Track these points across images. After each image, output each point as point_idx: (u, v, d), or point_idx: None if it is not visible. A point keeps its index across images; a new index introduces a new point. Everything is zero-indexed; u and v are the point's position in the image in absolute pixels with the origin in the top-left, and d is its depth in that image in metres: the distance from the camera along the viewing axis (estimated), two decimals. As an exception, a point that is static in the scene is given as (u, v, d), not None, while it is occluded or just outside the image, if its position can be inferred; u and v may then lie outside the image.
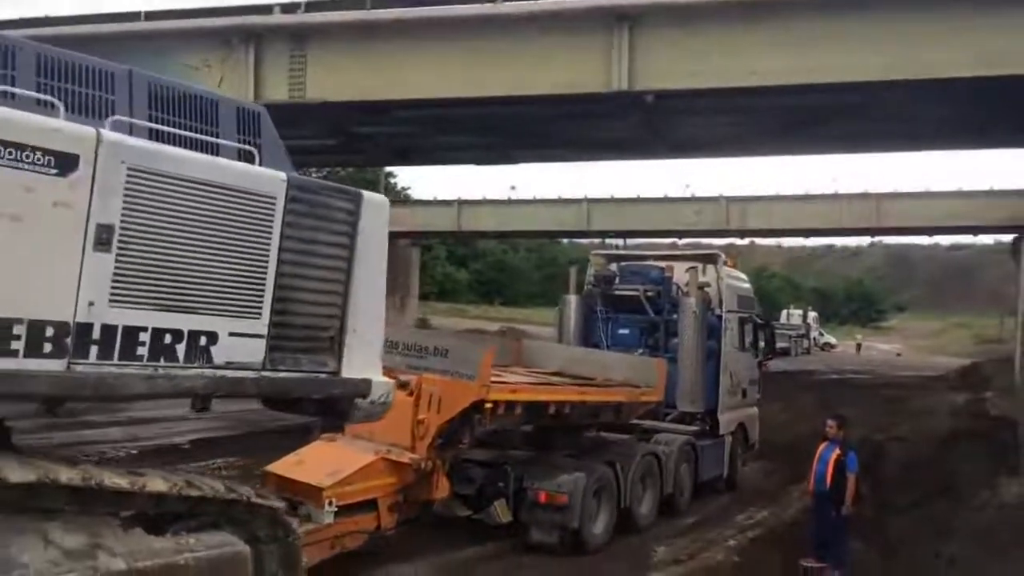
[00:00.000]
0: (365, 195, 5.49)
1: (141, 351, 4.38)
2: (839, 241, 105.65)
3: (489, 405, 8.19)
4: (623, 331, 13.01)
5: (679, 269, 12.96)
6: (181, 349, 4.55)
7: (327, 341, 5.28)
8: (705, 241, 32.66)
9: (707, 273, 12.94)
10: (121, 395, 4.46)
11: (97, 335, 4.21)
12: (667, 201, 33.54)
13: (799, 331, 54.06)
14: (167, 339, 4.48)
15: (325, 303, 5.28)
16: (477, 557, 8.81)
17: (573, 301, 13.29)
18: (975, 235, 41.74)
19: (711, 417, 12.50)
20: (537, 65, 15.94)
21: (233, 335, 4.76)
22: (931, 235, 43.41)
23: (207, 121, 5.18)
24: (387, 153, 27.64)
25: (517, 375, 10.14)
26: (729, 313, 12.94)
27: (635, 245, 30.81)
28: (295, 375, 5.11)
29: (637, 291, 12.83)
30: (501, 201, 35.64)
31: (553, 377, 10.75)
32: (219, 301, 4.70)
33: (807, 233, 36.98)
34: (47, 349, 4.03)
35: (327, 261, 5.26)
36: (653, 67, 15.52)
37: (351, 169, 40.51)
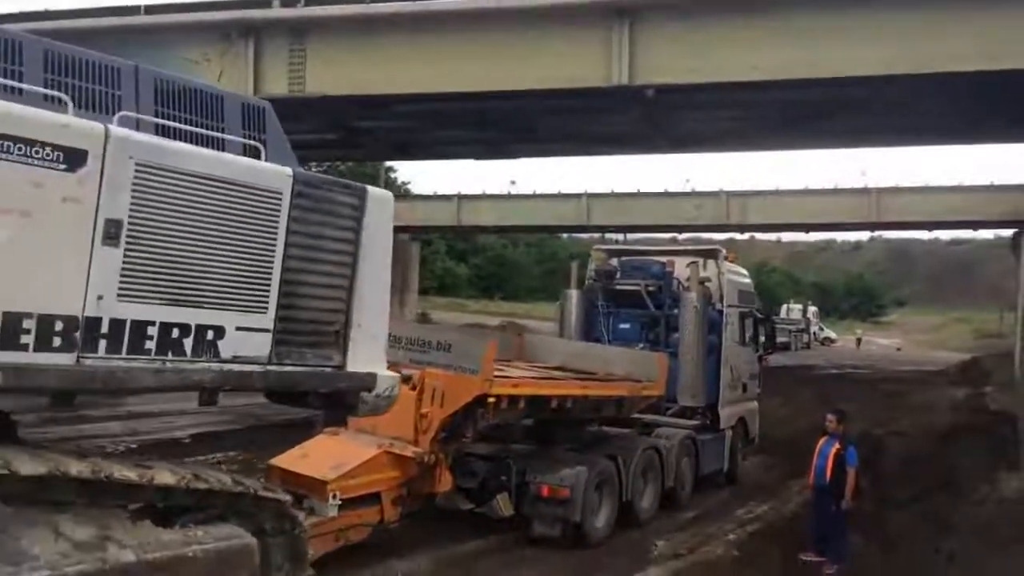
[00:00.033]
0: (370, 190, 5.52)
1: (149, 345, 4.42)
2: (839, 236, 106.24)
3: (492, 399, 8.21)
4: (624, 326, 13.03)
5: (680, 264, 12.97)
6: (189, 343, 4.58)
7: (332, 335, 5.32)
8: (705, 236, 32.58)
9: (708, 268, 12.97)
10: (130, 388, 4.50)
11: (106, 329, 4.25)
12: (667, 196, 33.54)
13: (799, 326, 54.21)
14: (175, 333, 4.52)
15: (330, 297, 5.31)
16: (479, 550, 8.84)
17: (574, 296, 13.28)
18: (975, 230, 41.93)
19: (712, 411, 12.53)
20: (537, 60, 15.92)
21: (240, 329, 4.80)
22: (931, 230, 43.56)
23: (213, 117, 5.21)
24: (387, 147, 27.65)
25: (519, 369, 10.14)
26: (730, 308, 12.94)
27: (635, 240, 30.81)
28: (301, 369, 5.15)
29: (638, 286, 12.84)
30: (501, 196, 35.53)
31: (555, 371, 10.77)
32: (226, 296, 4.73)
33: (807, 228, 36.99)
34: (56, 343, 4.07)
35: (332, 256, 5.29)
36: (654, 61, 15.52)
37: (351, 164, 40.47)
